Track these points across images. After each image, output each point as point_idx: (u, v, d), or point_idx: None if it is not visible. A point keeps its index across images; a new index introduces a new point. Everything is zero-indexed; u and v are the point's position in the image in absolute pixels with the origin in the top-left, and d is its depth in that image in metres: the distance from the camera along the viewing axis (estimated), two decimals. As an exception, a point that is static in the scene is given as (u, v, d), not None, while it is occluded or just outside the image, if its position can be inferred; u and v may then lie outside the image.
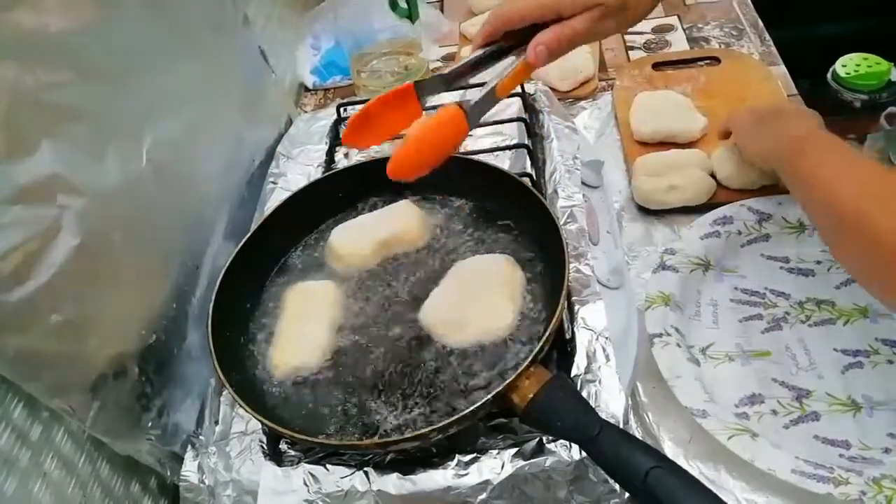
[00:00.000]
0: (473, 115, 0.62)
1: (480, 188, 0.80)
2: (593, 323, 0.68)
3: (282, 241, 0.81)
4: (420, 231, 0.78)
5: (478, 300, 0.69)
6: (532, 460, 0.60)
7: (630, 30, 1.31)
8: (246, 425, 0.68)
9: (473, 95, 0.63)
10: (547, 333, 0.61)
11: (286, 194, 0.84)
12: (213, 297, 0.70)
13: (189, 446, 0.69)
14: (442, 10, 1.44)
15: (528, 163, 0.87)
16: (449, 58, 1.33)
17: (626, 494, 0.61)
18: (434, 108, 0.67)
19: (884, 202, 0.60)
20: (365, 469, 0.62)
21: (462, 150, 0.93)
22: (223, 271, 0.72)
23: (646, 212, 0.97)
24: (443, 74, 0.67)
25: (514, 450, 0.61)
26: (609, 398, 0.63)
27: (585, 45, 0.72)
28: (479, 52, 0.68)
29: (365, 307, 0.74)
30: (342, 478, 0.61)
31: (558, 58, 0.67)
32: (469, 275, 0.73)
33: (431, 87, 0.67)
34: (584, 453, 0.59)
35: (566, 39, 0.65)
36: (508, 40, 0.68)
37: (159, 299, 0.74)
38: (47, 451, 0.60)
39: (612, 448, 0.54)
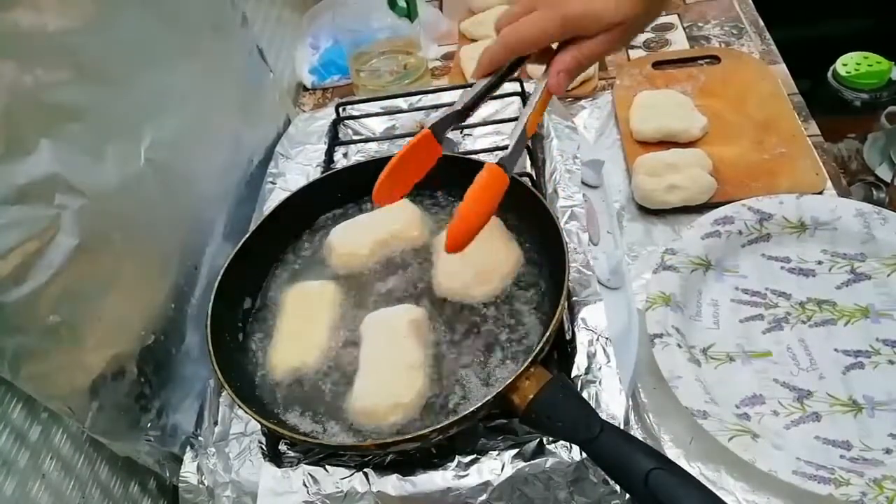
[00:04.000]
0: (511, 165, 0.62)
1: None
2: (593, 323, 0.68)
3: (281, 240, 0.81)
4: (419, 230, 0.78)
5: (483, 253, 0.70)
6: (532, 461, 0.60)
7: (630, 29, 1.31)
8: (245, 426, 0.68)
9: (506, 141, 0.63)
10: (547, 334, 0.61)
11: (285, 194, 0.84)
12: (212, 298, 0.70)
13: (188, 447, 0.69)
14: (441, 9, 1.44)
15: (528, 163, 0.87)
16: (448, 57, 1.33)
17: (627, 496, 0.61)
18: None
19: None
20: (365, 470, 0.61)
21: (462, 149, 0.93)
22: (222, 271, 0.72)
23: (646, 211, 0.97)
24: (456, 111, 0.66)
25: (515, 451, 0.61)
26: (609, 399, 0.63)
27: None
28: (486, 79, 0.66)
29: (365, 306, 0.73)
30: (342, 479, 0.61)
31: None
32: None
33: (447, 124, 0.66)
34: (584, 454, 0.59)
35: (586, 61, 0.62)
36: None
37: (158, 299, 0.74)
38: (46, 451, 0.60)
39: (612, 449, 0.54)
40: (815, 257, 0.85)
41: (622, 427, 0.60)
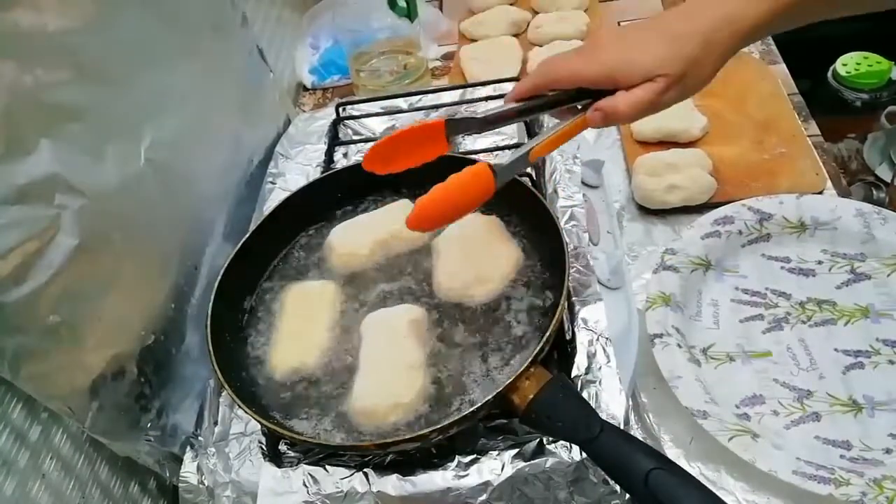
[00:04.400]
0: (502, 176, 0.61)
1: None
2: (593, 323, 0.68)
3: (281, 240, 0.81)
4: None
5: (483, 253, 0.70)
6: (532, 461, 0.60)
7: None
8: (245, 426, 0.68)
9: (505, 156, 0.62)
10: (547, 334, 0.61)
11: (285, 194, 0.84)
12: (212, 298, 0.70)
13: (188, 447, 0.69)
14: (441, 9, 1.44)
15: (528, 162, 0.87)
16: (448, 57, 1.33)
17: (627, 496, 0.61)
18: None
19: None
20: (365, 470, 0.61)
21: (462, 149, 0.93)
22: (222, 271, 0.72)
23: (646, 211, 0.97)
24: (476, 117, 0.65)
25: (515, 451, 0.61)
26: (609, 399, 0.63)
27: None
28: (515, 104, 0.65)
29: (365, 306, 0.73)
30: (342, 479, 0.61)
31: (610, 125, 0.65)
32: (457, 240, 0.74)
33: (462, 126, 0.65)
34: (584, 454, 0.59)
35: (629, 108, 0.60)
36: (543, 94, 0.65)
37: (158, 299, 0.74)
38: (46, 451, 0.60)
39: (612, 449, 0.54)
40: (815, 257, 0.85)
41: (622, 427, 0.60)
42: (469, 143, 0.94)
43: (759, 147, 1.00)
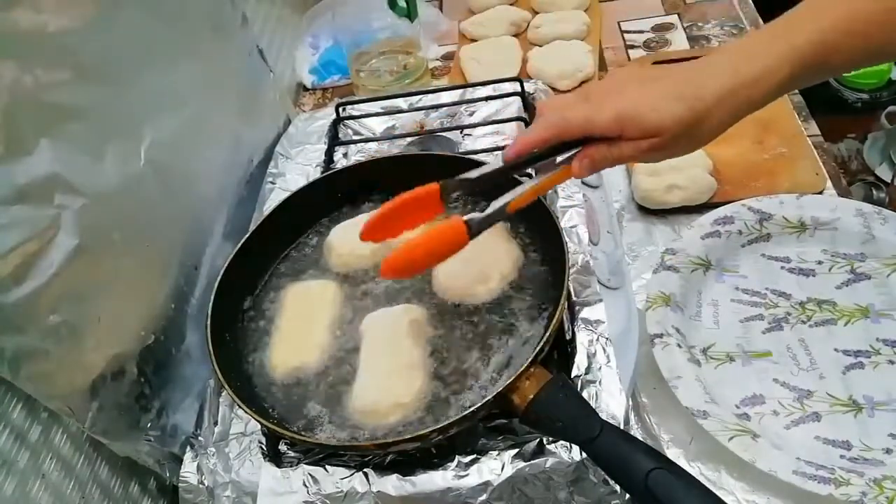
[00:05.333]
0: (477, 230, 0.61)
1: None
2: (593, 323, 0.68)
3: (281, 240, 0.81)
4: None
5: (483, 253, 0.70)
6: (532, 461, 0.60)
7: (630, 28, 1.31)
8: (245, 426, 0.68)
9: (484, 210, 0.61)
10: (547, 334, 0.61)
11: (285, 194, 0.84)
12: (212, 298, 0.70)
13: (188, 447, 0.68)
14: (441, 9, 1.44)
15: (528, 162, 0.86)
16: (448, 57, 1.33)
17: (627, 496, 0.60)
18: None
19: None
20: (365, 470, 0.61)
21: (462, 149, 0.93)
22: (222, 271, 0.72)
23: (646, 211, 0.97)
24: (470, 178, 0.63)
25: (515, 451, 0.61)
26: (609, 399, 0.63)
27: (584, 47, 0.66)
28: (506, 164, 0.62)
29: (365, 306, 0.73)
30: (342, 479, 0.61)
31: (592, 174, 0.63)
32: None
33: (456, 187, 0.63)
34: (584, 454, 0.59)
35: (613, 160, 0.59)
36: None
37: (158, 299, 0.74)
38: (46, 451, 0.60)
39: (612, 449, 0.54)
40: (815, 257, 0.85)
41: (622, 427, 0.60)
42: (469, 143, 0.94)
43: (759, 147, 1.00)
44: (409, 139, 0.95)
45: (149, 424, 0.69)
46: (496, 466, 0.60)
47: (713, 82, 0.57)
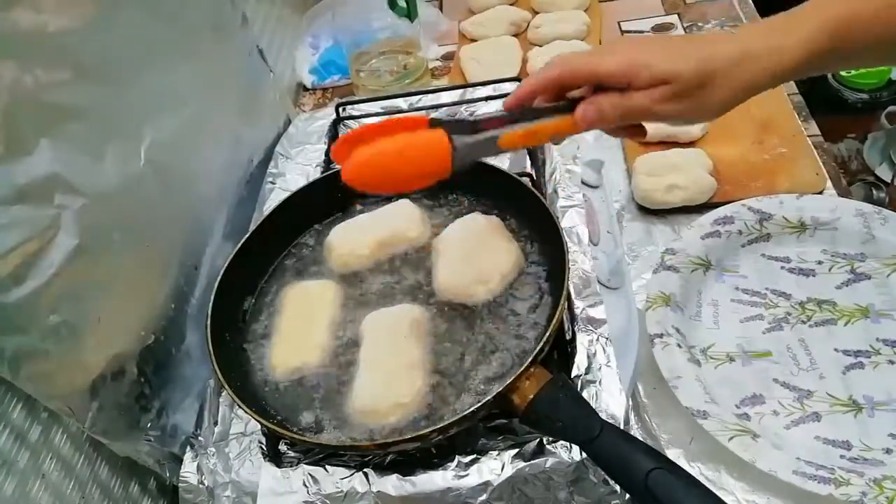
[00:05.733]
0: (461, 154, 0.54)
1: (480, 188, 0.80)
2: (593, 323, 0.68)
3: (281, 241, 0.81)
4: (419, 230, 0.78)
5: (483, 253, 0.70)
6: (532, 461, 0.60)
7: (630, 28, 1.31)
8: (245, 426, 0.68)
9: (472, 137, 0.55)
10: (547, 334, 0.61)
11: (285, 194, 0.84)
12: (212, 298, 0.70)
13: (188, 447, 0.69)
14: (441, 9, 1.44)
15: (528, 162, 0.87)
16: (448, 57, 1.33)
17: (627, 496, 0.60)
18: None
19: None
20: (365, 470, 0.61)
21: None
22: (222, 271, 0.72)
23: (646, 211, 0.97)
24: (468, 120, 0.58)
25: (515, 451, 0.61)
26: (609, 399, 0.63)
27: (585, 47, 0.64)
28: (507, 112, 0.59)
29: (365, 306, 0.73)
30: (342, 479, 0.61)
31: (601, 128, 0.61)
32: (457, 240, 0.74)
33: (452, 128, 0.57)
34: (584, 454, 0.59)
35: (621, 109, 0.58)
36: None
37: (158, 300, 0.74)
38: (46, 451, 0.60)
39: (612, 449, 0.54)
40: (815, 257, 0.85)
41: (622, 427, 0.60)
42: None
43: (759, 147, 1.00)
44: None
45: (149, 424, 0.69)
46: (496, 466, 0.60)
47: (722, 49, 0.57)
